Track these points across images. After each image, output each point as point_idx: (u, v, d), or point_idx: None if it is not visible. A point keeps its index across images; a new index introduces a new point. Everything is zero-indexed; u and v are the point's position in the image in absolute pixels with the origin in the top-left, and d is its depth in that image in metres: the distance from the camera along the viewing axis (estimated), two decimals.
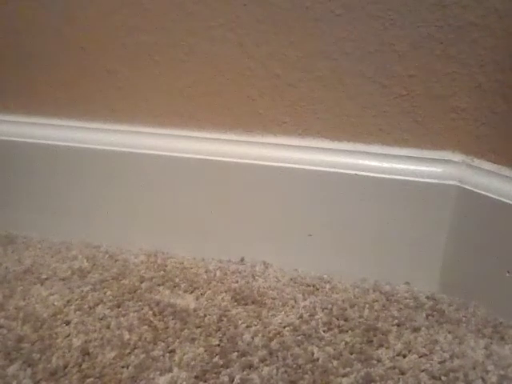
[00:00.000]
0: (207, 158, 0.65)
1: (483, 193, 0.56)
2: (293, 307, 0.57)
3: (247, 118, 0.64)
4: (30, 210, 0.73)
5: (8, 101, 0.72)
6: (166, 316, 0.55)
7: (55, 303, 0.58)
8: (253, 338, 0.52)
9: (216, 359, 0.49)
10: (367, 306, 0.57)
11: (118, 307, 0.57)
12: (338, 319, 0.55)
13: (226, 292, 0.60)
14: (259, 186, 0.64)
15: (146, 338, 0.52)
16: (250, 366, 0.48)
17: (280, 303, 0.58)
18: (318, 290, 0.61)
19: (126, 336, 0.52)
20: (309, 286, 0.61)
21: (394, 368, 0.48)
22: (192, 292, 0.60)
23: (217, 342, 0.51)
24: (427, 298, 0.59)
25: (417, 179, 0.59)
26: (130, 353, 0.50)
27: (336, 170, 0.61)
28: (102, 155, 0.68)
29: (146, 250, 0.69)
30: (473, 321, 0.55)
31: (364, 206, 0.61)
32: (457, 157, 0.59)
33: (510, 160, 0.56)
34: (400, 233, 0.61)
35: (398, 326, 0.54)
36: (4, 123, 0.72)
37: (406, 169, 0.60)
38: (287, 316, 0.56)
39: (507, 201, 0.54)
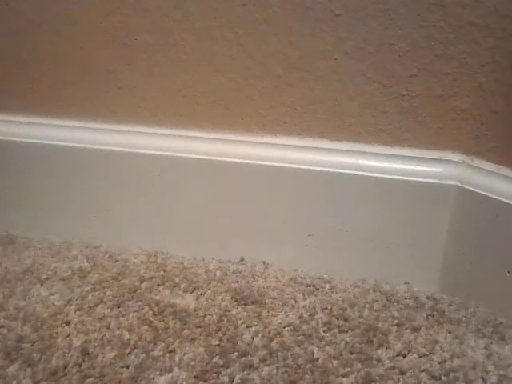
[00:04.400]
0: (207, 157, 0.65)
1: (483, 193, 0.56)
2: (293, 307, 0.57)
3: (247, 118, 0.64)
4: (30, 210, 0.73)
5: (8, 101, 0.72)
6: (166, 316, 0.55)
7: (55, 303, 0.58)
8: (253, 338, 0.52)
9: (216, 359, 0.49)
10: (367, 305, 0.57)
11: (118, 307, 0.57)
12: (337, 319, 0.55)
13: (225, 292, 0.60)
14: (259, 185, 0.64)
15: (146, 338, 0.52)
16: (250, 366, 0.48)
17: (280, 303, 0.58)
18: (317, 289, 0.61)
19: (126, 336, 0.52)
20: (309, 286, 0.61)
21: (394, 368, 0.48)
22: (192, 292, 0.60)
23: (217, 342, 0.51)
24: (427, 297, 0.59)
25: (417, 179, 0.59)
26: (129, 353, 0.50)
27: (336, 170, 0.61)
28: (102, 155, 0.68)
29: (145, 250, 0.69)
30: (473, 321, 0.55)
31: (364, 205, 0.61)
32: (457, 157, 0.59)
33: (510, 160, 0.56)
34: (400, 233, 0.61)
35: (398, 326, 0.54)
36: (4, 123, 0.72)
37: (406, 169, 0.60)
38: (287, 316, 0.56)
39: (507, 201, 0.54)
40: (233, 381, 0.47)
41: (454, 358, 0.49)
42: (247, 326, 0.54)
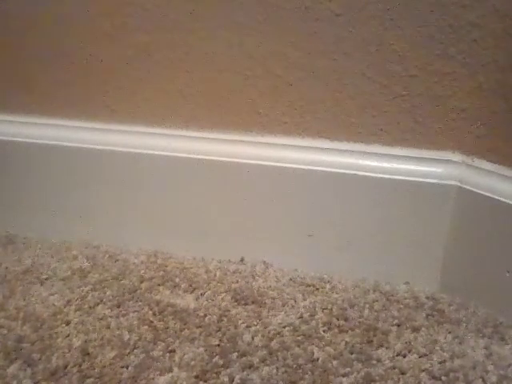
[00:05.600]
0: (207, 157, 0.65)
1: (483, 193, 0.56)
2: (293, 307, 0.57)
3: (247, 118, 0.64)
4: (30, 210, 0.73)
5: (8, 101, 0.72)
6: (166, 316, 0.55)
7: (55, 303, 0.58)
8: (253, 338, 0.52)
9: (216, 359, 0.49)
10: (367, 305, 0.57)
11: (118, 307, 0.57)
12: (338, 319, 0.55)
13: (226, 292, 0.60)
14: (259, 185, 0.64)
15: (146, 338, 0.52)
16: (250, 366, 0.48)
17: (280, 303, 0.58)
18: (317, 290, 0.61)
19: (126, 336, 0.52)
20: (309, 286, 0.61)
21: (394, 368, 0.48)
22: (192, 292, 0.60)
23: (217, 342, 0.51)
24: (427, 298, 0.59)
25: (417, 179, 0.59)
26: (129, 353, 0.50)
27: (336, 170, 0.61)
28: (102, 155, 0.68)
29: (145, 250, 0.69)
30: (473, 321, 0.55)
31: (364, 206, 0.61)
32: (457, 157, 0.59)
33: (510, 160, 0.56)
34: (400, 233, 0.61)
35: (398, 325, 0.54)
36: (4, 123, 0.72)
37: (406, 169, 0.60)
38: (287, 316, 0.56)
39: (507, 201, 0.54)
40: (233, 381, 0.47)
41: (454, 358, 0.49)
42: (247, 326, 0.54)
